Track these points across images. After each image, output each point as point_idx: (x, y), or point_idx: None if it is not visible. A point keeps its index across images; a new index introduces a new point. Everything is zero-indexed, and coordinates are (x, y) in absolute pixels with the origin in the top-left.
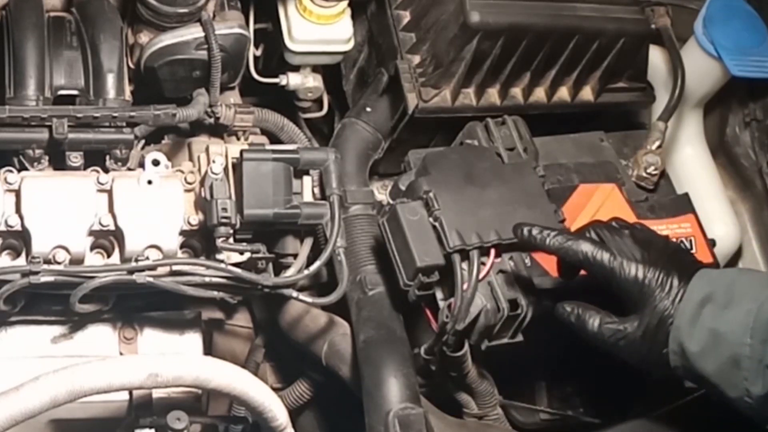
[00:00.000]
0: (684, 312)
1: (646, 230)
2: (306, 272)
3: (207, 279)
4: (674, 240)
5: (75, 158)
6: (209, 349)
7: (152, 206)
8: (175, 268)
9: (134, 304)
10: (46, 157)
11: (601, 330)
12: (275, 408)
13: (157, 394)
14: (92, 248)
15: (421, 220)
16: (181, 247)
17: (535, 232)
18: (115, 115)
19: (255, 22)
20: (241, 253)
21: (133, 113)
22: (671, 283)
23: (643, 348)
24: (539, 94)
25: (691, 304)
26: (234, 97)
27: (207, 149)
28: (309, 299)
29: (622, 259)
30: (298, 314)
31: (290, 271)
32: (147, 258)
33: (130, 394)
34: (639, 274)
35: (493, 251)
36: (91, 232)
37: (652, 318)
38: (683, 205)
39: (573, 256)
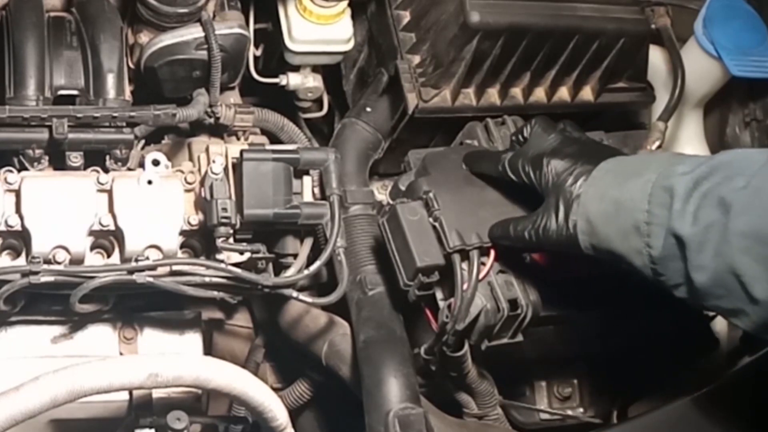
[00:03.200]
0: (589, 188)
1: (578, 133)
2: (306, 272)
3: (207, 279)
4: None
5: (75, 158)
6: (209, 349)
7: (152, 206)
8: (175, 268)
9: (134, 304)
10: (46, 157)
11: (519, 230)
12: (275, 408)
13: (157, 394)
14: (92, 248)
15: (421, 220)
16: (181, 247)
17: (471, 159)
18: (115, 115)
19: (255, 22)
20: (241, 253)
21: (133, 113)
22: (580, 168)
23: (559, 234)
24: (539, 94)
25: (596, 181)
26: (234, 97)
27: (207, 149)
28: (309, 299)
29: (534, 152)
30: (298, 314)
31: (290, 271)
32: (147, 258)
33: (130, 394)
34: (551, 167)
35: (493, 251)
36: (91, 232)
37: (560, 202)
38: None
39: (493, 168)
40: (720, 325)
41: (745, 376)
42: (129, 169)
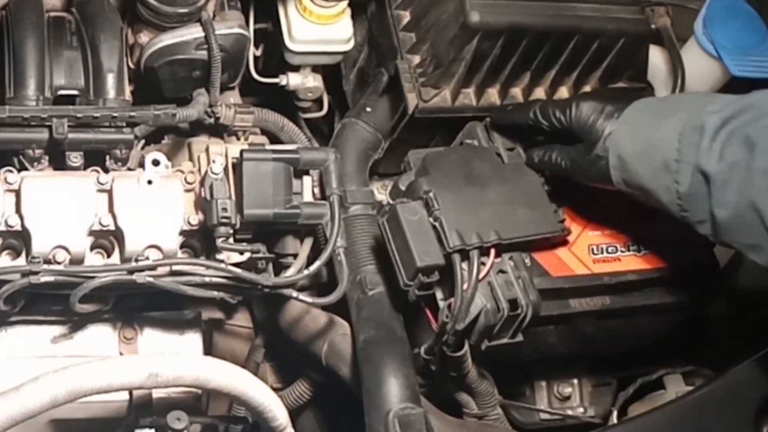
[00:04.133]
0: (621, 126)
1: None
2: (306, 272)
3: (207, 279)
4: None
5: (75, 158)
6: (209, 349)
7: (152, 206)
8: (175, 268)
9: (134, 304)
10: (46, 157)
11: (555, 158)
12: (275, 408)
13: (157, 394)
14: (92, 248)
15: (421, 220)
16: (181, 247)
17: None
18: (115, 115)
19: (255, 22)
20: (241, 253)
21: (133, 113)
22: (609, 107)
23: (591, 166)
24: (539, 94)
25: (629, 120)
26: (234, 97)
27: (207, 149)
28: (309, 299)
29: (575, 102)
30: (298, 314)
31: (290, 271)
32: (147, 258)
33: (130, 394)
34: (584, 110)
35: (493, 251)
36: (91, 232)
37: (593, 137)
38: None
39: (524, 117)
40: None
41: (745, 376)
42: (129, 169)
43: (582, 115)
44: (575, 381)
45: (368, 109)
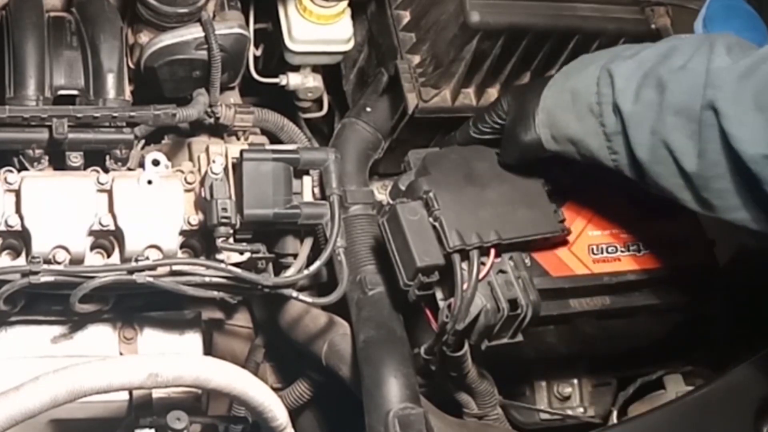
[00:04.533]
0: (549, 89)
1: None
2: (306, 272)
3: (207, 279)
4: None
5: (75, 158)
6: (209, 349)
7: (152, 206)
8: (175, 268)
9: (134, 304)
10: (46, 157)
11: (482, 128)
12: (275, 408)
13: (157, 394)
14: (92, 248)
15: (421, 220)
16: (181, 247)
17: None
18: (115, 115)
19: (255, 22)
20: (241, 253)
21: (133, 113)
22: (538, 83)
23: (524, 134)
24: None
25: (555, 81)
26: (234, 97)
27: (207, 149)
28: (309, 299)
29: (503, 97)
30: (298, 314)
31: (290, 271)
32: (147, 258)
33: (130, 394)
34: (513, 95)
35: (493, 251)
36: (91, 232)
37: (523, 110)
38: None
39: (482, 126)
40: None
41: (745, 376)
42: (129, 169)
43: (512, 95)
44: (575, 381)
45: (368, 109)
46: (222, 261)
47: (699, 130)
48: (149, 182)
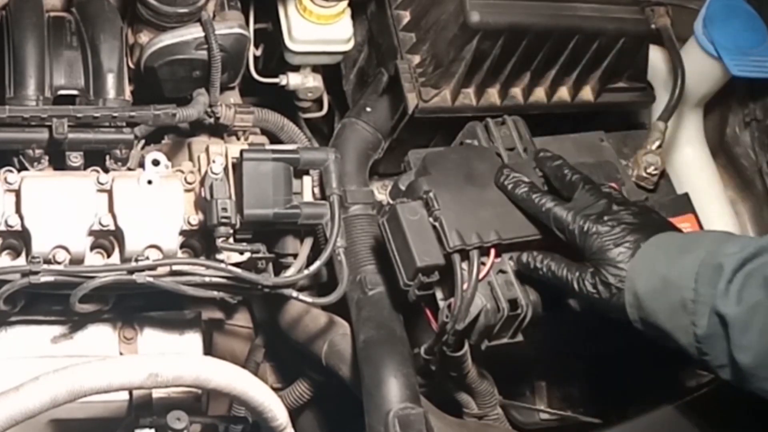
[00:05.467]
0: (637, 263)
1: (622, 196)
2: (306, 272)
3: (207, 279)
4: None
5: (75, 158)
6: (209, 349)
7: (152, 206)
8: (175, 268)
9: (134, 304)
10: (46, 157)
11: (569, 278)
12: (275, 408)
13: (157, 394)
14: (92, 248)
15: (421, 220)
16: (181, 247)
17: (508, 180)
18: (115, 115)
19: (255, 22)
20: (241, 253)
21: (133, 113)
22: (629, 237)
23: (607, 301)
24: (539, 94)
25: (645, 255)
26: (234, 97)
27: (207, 149)
28: (309, 299)
29: (582, 213)
30: (298, 314)
31: (290, 271)
32: (147, 258)
33: (130, 394)
34: (599, 232)
35: (493, 251)
36: (91, 232)
37: (605, 270)
38: (683, 205)
39: (535, 209)
40: None
41: None
42: (129, 169)
43: (599, 241)
44: (575, 381)
45: (368, 109)
46: (222, 261)
47: None
48: (149, 182)
